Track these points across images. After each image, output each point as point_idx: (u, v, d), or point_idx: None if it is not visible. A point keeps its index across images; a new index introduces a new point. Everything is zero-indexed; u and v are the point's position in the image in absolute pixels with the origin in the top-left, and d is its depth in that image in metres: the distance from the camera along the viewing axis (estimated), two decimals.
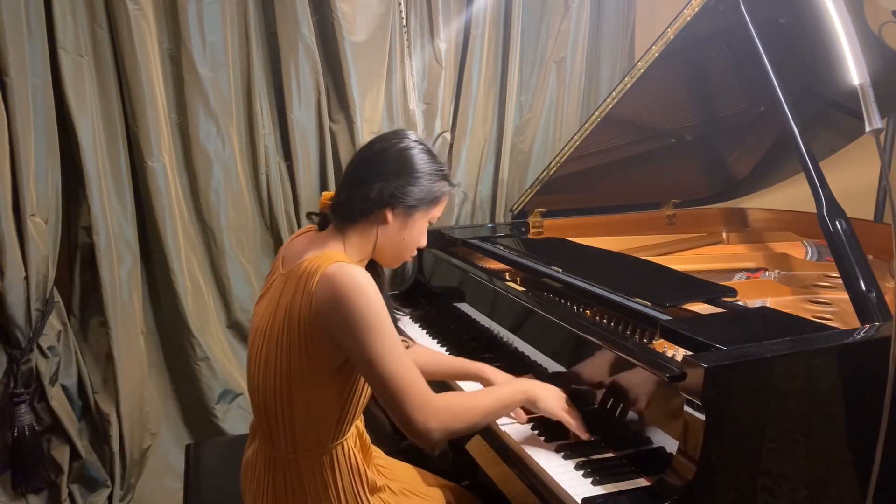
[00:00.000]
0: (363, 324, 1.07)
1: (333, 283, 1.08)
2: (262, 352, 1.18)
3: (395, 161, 1.19)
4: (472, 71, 2.53)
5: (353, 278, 1.08)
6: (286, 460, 1.21)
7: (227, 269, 2.29)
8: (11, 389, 1.92)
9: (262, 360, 1.18)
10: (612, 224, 2.39)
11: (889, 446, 1.00)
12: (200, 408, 2.29)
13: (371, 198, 1.17)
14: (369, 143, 1.25)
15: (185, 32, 2.08)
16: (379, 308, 1.08)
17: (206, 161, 2.19)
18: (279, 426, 1.18)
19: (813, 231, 2.08)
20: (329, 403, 1.18)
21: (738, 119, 2.17)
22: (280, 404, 1.17)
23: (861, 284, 1.26)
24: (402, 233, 1.22)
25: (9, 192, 1.81)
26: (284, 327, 1.13)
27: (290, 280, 1.15)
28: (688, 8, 1.72)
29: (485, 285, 1.86)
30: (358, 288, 1.07)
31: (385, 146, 1.21)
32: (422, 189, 1.20)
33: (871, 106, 1.06)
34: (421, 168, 1.20)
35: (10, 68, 1.77)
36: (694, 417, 1.04)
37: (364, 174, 1.19)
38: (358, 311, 1.06)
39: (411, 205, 1.20)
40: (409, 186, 1.19)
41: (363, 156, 1.23)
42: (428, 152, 1.23)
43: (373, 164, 1.19)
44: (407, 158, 1.20)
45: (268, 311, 1.19)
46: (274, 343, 1.15)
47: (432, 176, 1.21)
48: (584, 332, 1.37)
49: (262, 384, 1.18)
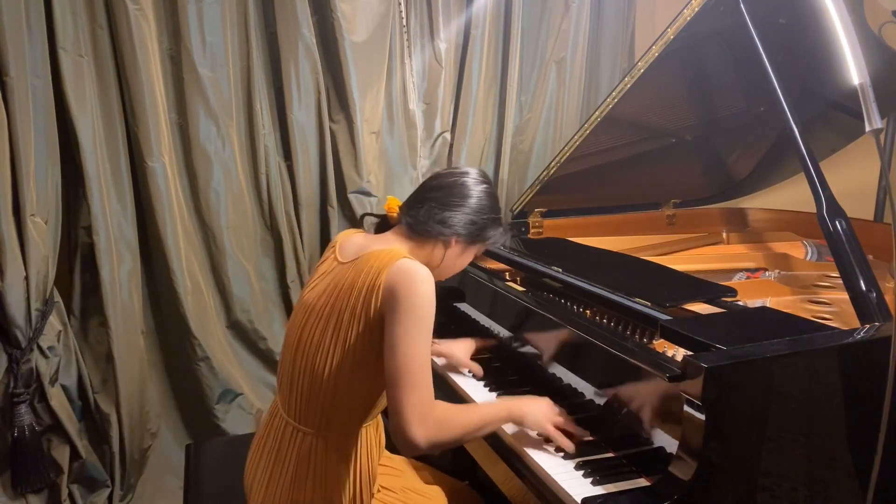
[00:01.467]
0: (410, 311, 1.15)
1: (402, 273, 1.18)
2: (315, 331, 1.25)
3: (468, 198, 1.34)
4: (472, 71, 2.53)
5: (419, 273, 1.19)
6: (316, 436, 1.28)
7: (227, 269, 2.29)
8: (11, 389, 1.92)
9: (316, 339, 1.25)
10: (612, 224, 2.39)
11: (889, 446, 1.00)
12: (200, 408, 2.29)
13: (449, 224, 1.32)
14: (447, 173, 1.39)
15: (185, 32, 2.08)
16: (428, 305, 1.17)
17: (206, 161, 2.19)
18: (320, 402, 1.26)
19: (813, 231, 2.08)
20: (371, 386, 1.26)
21: (738, 119, 2.17)
22: (329, 381, 1.24)
23: (861, 284, 1.26)
24: (458, 259, 1.39)
25: (9, 192, 1.81)
26: (347, 310, 1.21)
27: (357, 267, 1.23)
28: (688, 8, 1.72)
29: (485, 285, 1.86)
30: (422, 281, 1.18)
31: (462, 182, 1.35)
32: (487, 229, 1.37)
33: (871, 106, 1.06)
34: (490, 211, 1.37)
35: (10, 68, 1.77)
36: (694, 417, 1.04)
37: (443, 200, 1.33)
38: (412, 299, 1.16)
39: (473, 240, 1.37)
40: (480, 224, 1.35)
41: (442, 182, 1.36)
42: (493, 196, 1.39)
43: (450, 195, 1.34)
44: (478, 196, 1.35)
45: (326, 294, 1.26)
46: (334, 322, 1.23)
47: (495, 221, 1.39)
48: (584, 332, 1.37)
49: (312, 360, 1.25)
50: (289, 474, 1.29)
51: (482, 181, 1.37)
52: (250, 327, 2.37)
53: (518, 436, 1.36)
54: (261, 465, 1.35)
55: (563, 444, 1.28)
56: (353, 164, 2.37)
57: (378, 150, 2.45)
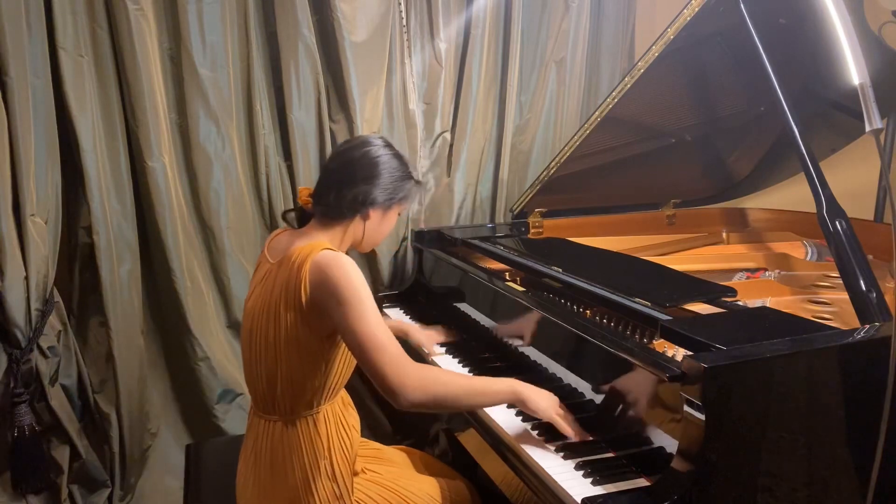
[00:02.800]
0: (347, 298, 1.23)
1: (323, 265, 1.25)
2: (261, 332, 1.33)
3: (377, 166, 1.38)
4: (472, 71, 2.53)
5: (339, 262, 1.26)
6: (284, 422, 1.36)
7: (227, 269, 2.29)
8: (11, 389, 1.92)
9: (263, 336, 1.33)
10: (612, 224, 2.39)
11: (889, 446, 1.00)
12: (200, 408, 2.29)
13: (359, 199, 1.37)
14: (347, 150, 1.42)
15: (185, 32, 2.08)
16: (360, 286, 1.25)
17: (206, 161, 2.19)
18: (279, 391, 1.34)
19: (813, 231, 2.08)
20: (323, 367, 1.34)
21: (738, 119, 2.17)
22: (284, 371, 1.32)
23: (861, 284, 1.26)
24: (381, 226, 1.44)
25: (9, 192, 1.81)
26: (281, 304, 1.29)
27: (283, 266, 1.31)
28: (688, 8, 1.72)
29: (485, 285, 1.86)
30: (344, 269, 1.25)
31: (367, 153, 1.39)
32: (398, 189, 1.41)
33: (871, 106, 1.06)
34: (397, 171, 1.40)
35: (10, 68, 1.77)
36: (694, 417, 1.04)
37: (351, 178, 1.37)
38: (343, 287, 1.23)
39: (388, 204, 1.41)
40: (389, 188, 1.39)
41: (346, 159, 1.40)
42: (399, 156, 1.43)
43: (358, 169, 1.38)
44: (387, 163, 1.39)
45: (263, 295, 1.34)
46: (273, 320, 1.31)
47: (404, 178, 1.42)
48: (584, 332, 1.37)
49: (265, 356, 1.34)
50: (267, 466, 1.36)
51: (383, 145, 1.41)
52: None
53: (518, 436, 1.36)
54: (245, 469, 1.43)
55: (567, 430, 1.29)
56: None
57: None
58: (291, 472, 1.34)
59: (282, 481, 1.35)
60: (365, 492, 1.40)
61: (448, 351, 1.83)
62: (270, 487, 1.36)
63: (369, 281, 2.42)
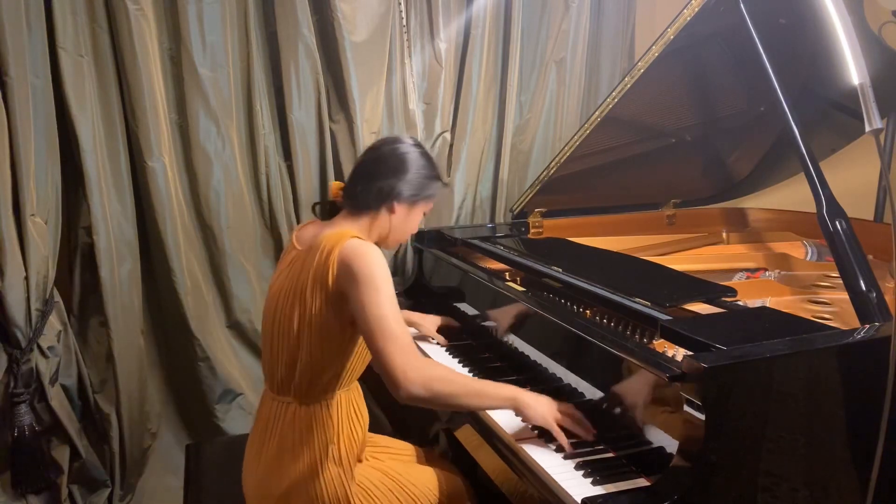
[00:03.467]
0: (367, 283, 1.26)
1: (351, 252, 1.29)
2: (286, 314, 1.36)
3: (404, 162, 1.42)
4: (472, 71, 2.53)
5: (366, 249, 1.30)
6: (298, 404, 1.39)
7: (227, 269, 2.29)
8: (11, 389, 1.92)
9: (287, 319, 1.36)
10: (612, 224, 2.39)
11: (889, 446, 1.00)
12: (200, 408, 2.29)
13: (385, 191, 1.41)
14: (380, 144, 1.48)
15: (185, 32, 2.08)
16: (384, 274, 1.28)
17: (206, 161, 2.19)
18: (298, 372, 1.37)
19: (813, 231, 2.08)
20: (340, 353, 1.37)
21: (738, 119, 2.17)
22: (304, 353, 1.35)
23: (861, 284, 1.26)
24: (406, 222, 1.47)
25: (9, 192, 1.81)
26: (308, 288, 1.32)
27: (312, 252, 1.34)
28: (688, 8, 1.72)
29: (485, 285, 1.86)
30: (370, 257, 1.28)
31: (399, 148, 1.44)
32: (424, 187, 1.45)
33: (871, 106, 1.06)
34: (427, 170, 1.45)
35: (10, 68, 1.77)
36: (694, 417, 1.04)
37: (379, 171, 1.42)
38: (367, 273, 1.26)
39: (416, 199, 1.45)
40: (415, 184, 1.43)
41: (376, 155, 1.45)
42: (428, 156, 1.47)
43: (386, 164, 1.42)
44: (417, 159, 1.43)
45: (290, 279, 1.37)
46: (299, 303, 1.34)
47: (431, 177, 1.46)
48: (584, 332, 1.37)
49: (288, 339, 1.37)
50: (275, 445, 1.39)
51: (413, 144, 1.46)
52: (250, 327, 2.37)
53: (518, 434, 1.36)
54: (253, 449, 1.45)
55: (563, 442, 1.28)
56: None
57: None
58: (300, 454, 1.37)
59: (289, 461, 1.37)
60: (368, 477, 1.43)
61: (448, 351, 1.83)
62: (276, 466, 1.38)
63: None
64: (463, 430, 1.53)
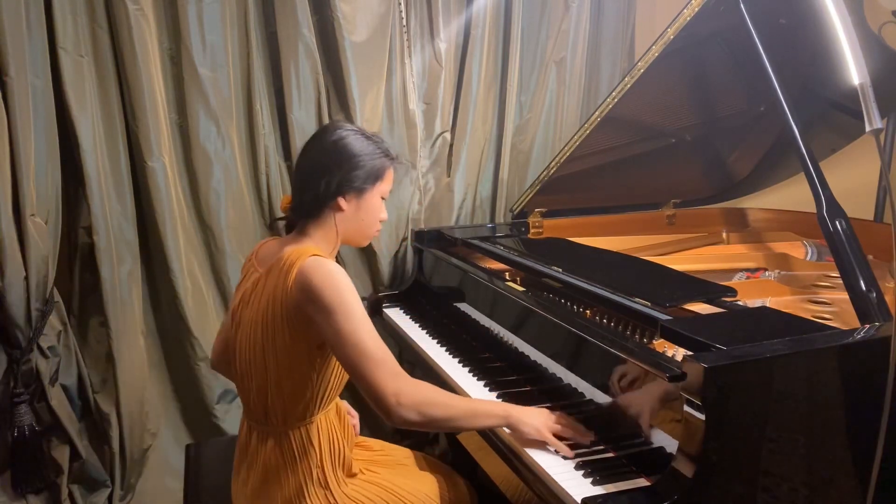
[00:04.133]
0: (334, 309, 1.20)
1: (308, 274, 1.21)
2: (251, 338, 1.31)
3: (333, 153, 1.31)
4: (472, 71, 2.53)
5: (325, 269, 1.22)
6: (277, 433, 1.35)
7: (227, 269, 2.29)
8: (11, 389, 1.92)
9: (251, 345, 1.31)
10: (612, 224, 2.39)
11: (889, 446, 1.00)
12: (200, 408, 2.29)
13: (321, 192, 1.30)
14: (307, 145, 1.37)
15: (185, 32, 2.08)
16: (348, 295, 1.21)
17: (206, 161, 2.19)
18: (270, 401, 1.32)
19: (813, 231, 2.08)
20: (313, 376, 1.31)
21: (738, 119, 2.17)
22: (273, 380, 1.30)
23: (861, 284, 1.26)
24: (360, 213, 1.35)
25: (9, 192, 1.81)
26: (269, 315, 1.27)
27: (272, 274, 1.28)
28: (688, 8, 1.72)
29: (485, 285, 1.86)
30: (329, 276, 1.21)
31: (322, 143, 1.34)
32: (364, 170, 1.32)
33: (871, 106, 1.06)
34: (359, 152, 1.32)
35: (10, 68, 1.77)
36: (694, 417, 1.04)
37: (310, 174, 1.33)
38: (333, 299, 1.20)
39: (359, 187, 1.33)
40: (353, 171, 1.31)
41: (305, 157, 1.36)
42: (363, 135, 1.35)
43: (315, 163, 1.33)
44: (343, 147, 1.31)
45: (253, 304, 1.32)
46: (260, 329, 1.29)
47: (371, 156, 1.33)
48: (584, 332, 1.37)
49: (254, 365, 1.32)
50: (261, 473, 1.36)
51: (342, 128, 1.34)
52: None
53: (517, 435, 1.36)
54: (238, 481, 1.43)
55: (563, 451, 1.27)
56: None
57: None
58: (285, 480, 1.34)
59: (275, 488, 1.34)
60: (362, 492, 1.39)
61: (448, 351, 1.83)
62: (263, 494, 1.36)
63: (369, 281, 2.42)
64: None
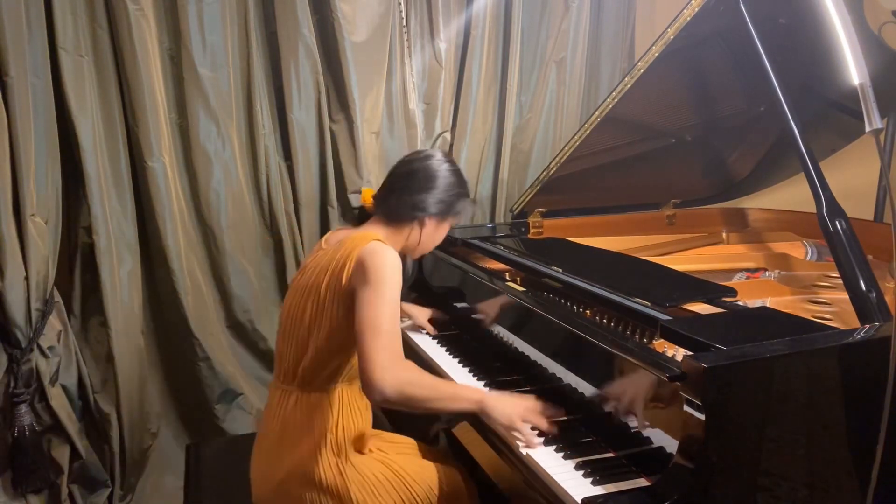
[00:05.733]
0: (372, 281, 1.30)
1: (368, 252, 1.34)
2: (300, 306, 1.43)
3: (436, 178, 1.50)
4: (472, 71, 2.53)
5: (383, 251, 1.35)
6: (300, 392, 1.44)
7: (227, 269, 2.29)
8: (11, 389, 1.92)
9: (300, 312, 1.42)
10: (612, 224, 2.39)
11: (889, 446, 1.00)
12: (200, 408, 2.29)
13: (419, 206, 1.48)
14: (412, 160, 1.54)
15: (185, 32, 2.08)
16: (394, 279, 1.32)
17: (206, 161, 2.19)
18: (304, 364, 1.42)
19: (813, 231, 2.08)
20: (347, 350, 1.42)
21: (738, 119, 2.17)
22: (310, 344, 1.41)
23: (861, 284, 1.26)
24: (433, 234, 1.55)
25: (9, 192, 1.81)
26: (324, 284, 1.38)
27: (335, 252, 1.40)
28: (688, 8, 1.72)
29: (485, 285, 1.86)
30: (386, 258, 1.33)
31: (429, 164, 1.51)
32: (453, 203, 1.53)
33: (871, 106, 1.06)
34: (457, 185, 1.53)
35: (10, 68, 1.77)
36: (694, 417, 1.04)
37: (412, 186, 1.49)
38: (377, 274, 1.31)
39: (444, 213, 1.52)
40: (447, 200, 1.51)
41: (409, 169, 1.52)
42: (458, 173, 1.55)
43: (419, 179, 1.50)
44: (445, 176, 1.51)
45: (312, 274, 1.43)
46: (313, 297, 1.40)
47: (459, 195, 1.54)
48: (584, 332, 1.37)
49: (298, 330, 1.43)
50: (277, 432, 1.44)
51: (445, 160, 1.53)
52: (250, 327, 2.37)
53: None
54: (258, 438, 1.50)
55: (530, 442, 1.30)
56: (353, 164, 2.37)
57: (378, 150, 2.45)
58: (299, 440, 1.41)
59: (289, 447, 1.42)
60: (370, 468, 1.44)
61: (448, 351, 1.83)
62: (277, 452, 1.43)
63: None
64: (462, 427, 1.53)
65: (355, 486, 1.40)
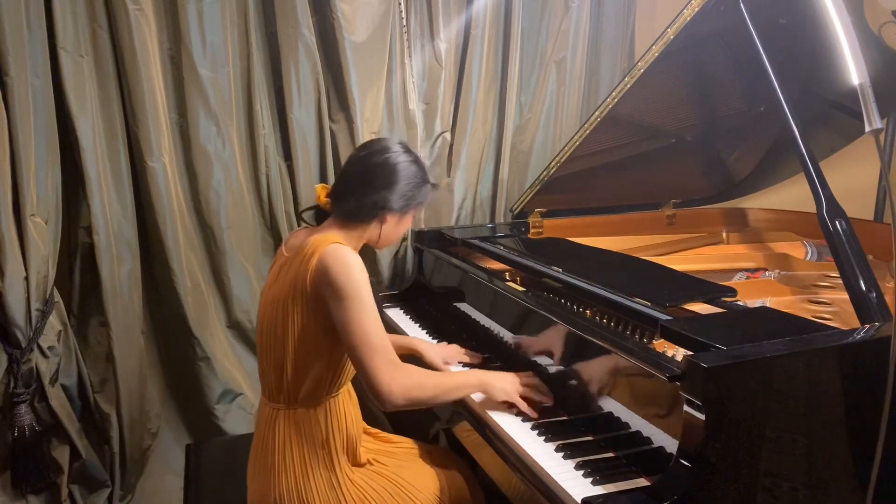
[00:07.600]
0: (346, 295, 1.29)
1: (328, 258, 1.31)
2: (273, 317, 1.39)
3: (395, 173, 1.43)
4: (472, 71, 2.53)
5: (343, 256, 1.32)
6: (288, 411, 1.42)
7: (227, 269, 2.29)
8: (11, 389, 1.92)
9: (273, 326, 1.39)
10: (612, 224, 2.39)
11: (889, 446, 1.00)
12: (200, 408, 2.29)
13: (378, 205, 1.42)
14: (367, 155, 1.45)
15: (185, 32, 2.08)
16: (361, 284, 1.31)
17: (206, 161, 2.19)
18: (286, 381, 1.40)
19: (813, 231, 2.08)
20: (328, 360, 1.39)
21: (738, 119, 2.17)
22: (288, 360, 1.38)
23: (861, 284, 1.26)
24: (396, 228, 1.50)
25: (9, 192, 1.81)
26: (290, 296, 1.36)
27: (296, 259, 1.37)
28: (688, 8, 1.72)
29: (485, 285, 1.86)
30: (347, 264, 1.31)
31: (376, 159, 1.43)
32: (416, 195, 1.47)
33: (871, 106, 1.06)
34: (411, 177, 1.45)
35: (10, 68, 1.77)
36: (694, 417, 1.04)
37: (360, 183, 1.43)
38: (343, 282, 1.29)
39: (407, 208, 1.47)
40: (402, 193, 1.44)
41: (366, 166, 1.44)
42: (418, 162, 1.48)
43: (377, 175, 1.42)
44: (405, 169, 1.44)
45: (276, 286, 1.41)
46: (282, 311, 1.37)
47: (421, 184, 1.48)
48: (584, 332, 1.37)
49: (275, 346, 1.40)
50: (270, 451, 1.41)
51: (403, 151, 1.46)
52: (250, 327, 2.37)
53: (518, 435, 1.36)
54: (251, 457, 1.49)
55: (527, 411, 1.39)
56: None
57: None
58: (291, 459, 1.40)
59: (281, 467, 1.40)
60: (368, 482, 1.43)
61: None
62: (270, 471, 1.41)
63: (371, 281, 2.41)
64: (461, 427, 1.53)
65: (353, 501, 1.39)
